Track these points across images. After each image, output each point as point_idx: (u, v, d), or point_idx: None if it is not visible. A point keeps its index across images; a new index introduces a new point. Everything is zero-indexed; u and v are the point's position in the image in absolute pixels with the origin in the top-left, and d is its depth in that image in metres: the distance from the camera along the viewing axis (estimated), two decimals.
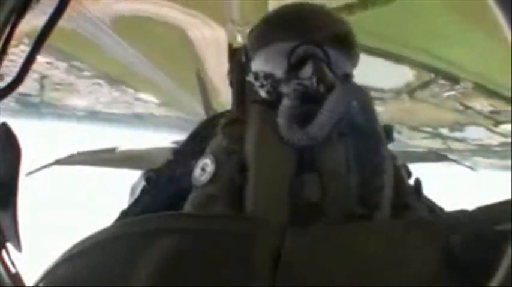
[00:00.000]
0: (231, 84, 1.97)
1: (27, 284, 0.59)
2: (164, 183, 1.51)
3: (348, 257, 0.56)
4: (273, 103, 1.13)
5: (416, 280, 0.52)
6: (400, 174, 1.27)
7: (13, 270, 0.60)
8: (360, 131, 1.12)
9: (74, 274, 0.56)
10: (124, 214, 1.43)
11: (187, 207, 0.90)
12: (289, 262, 0.54)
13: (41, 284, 0.56)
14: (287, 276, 0.52)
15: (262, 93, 1.20)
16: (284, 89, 1.12)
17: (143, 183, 1.52)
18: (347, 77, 1.19)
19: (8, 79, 0.57)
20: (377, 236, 0.62)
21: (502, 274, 0.43)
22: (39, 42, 0.59)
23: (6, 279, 0.58)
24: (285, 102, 1.05)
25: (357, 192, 1.09)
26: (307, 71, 1.07)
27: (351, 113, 1.10)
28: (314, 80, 1.04)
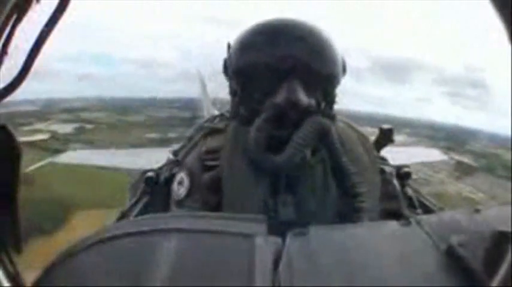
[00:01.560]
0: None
1: (27, 284, 0.59)
2: (163, 183, 1.52)
3: (347, 258, 0.56)
4: (250, 120, 1.12)
5: (416, 280, 0.52)
6: (389, 180, 1.27)
7: (13, 270, 0.60)
8: (334, 153, 1.11)
9: (83, 270, 0.56)
10: (124, 214, 1.43)
11: None
12: (290, 263, 0.54)
13: (46, 281, 0.55)
14: (287, 276, 0.52)
15: (241, 109, 1.18)
16: (259, 108, 1.09)
17: (143, 183, 1.52)
18: (328, 98, 1.14)
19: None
20: (377, 237, 0.62)
21: (503, 274, 0.44)
22: (39, 42, 0.59)
23: (6, 279, 0.57)
24: (257, 124, 1.04)
25: (336, 210, 1.08)
26: (281, 94, 1.03)
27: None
28: (287, 105, 1.02)
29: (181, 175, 1.19)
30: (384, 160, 1.71)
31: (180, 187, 1.16)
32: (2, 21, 0.51)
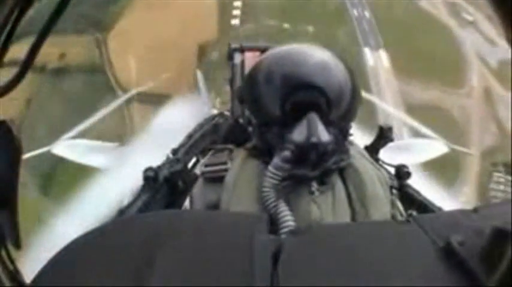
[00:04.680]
0: (230, 84, 1.96)
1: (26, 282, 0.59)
2: (162, 181, 1.52)
3: (347, 257, 0.56)
4: (261, 151, 1.11)
5: (415, 279, 0.52)
6: (397, 205, 1.27)
7: (12, 268, 0.60)
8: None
9: (81, 268, 0.56)
10: (123, 212, 1.43)
11: None
12: (289, 261, 0.54)
13: (45, 280, 0.55)
14: (286, 275, 0.52)
15: (254, 139, 1.16)
16: (276, 142, 1.05)
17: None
18: (345, 134, 1.12)
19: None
20: (376, 236, 0.62)
21: (502, 272, 0.44)
22: (39, 40, 0.59)
23: (6, 277, 0.57)
24: (275, 164, 1.00)
25: None
26: (301, 132, 0.99)
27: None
28: (308, 146, 0.98)
29: (186, 203, 1.18)
30: (383, 161, 1.72)
31: None
32: (3, 18, 0.51)
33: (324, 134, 0.99)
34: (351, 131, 1.17)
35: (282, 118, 1.04)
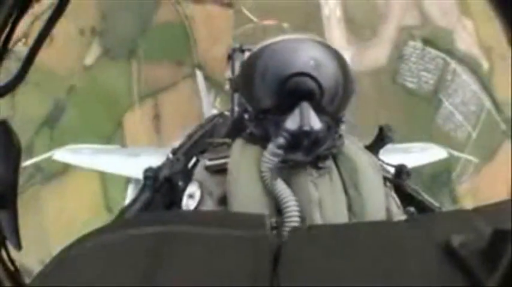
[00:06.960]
0: (231, 85, 1.97)
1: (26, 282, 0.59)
2: (163, 181, 1.52)
3: (347, 257, 0.56)
4: (258, 137, 1.15)
5: (415, 279, 0.52)
6: (392, 197, 1.29)
7: (12, 268, 0.60)
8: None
9: (82, 268, 0.55)
10: (124, 211, 1.43)
11: None
12: (290, 262, 0.54)
13: (45, 280, 0.55)
14: (287, 276, 0.52)
15: (251, 127, 1.20)
16: (271, 129, 1.11)
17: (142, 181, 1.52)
18: (338, 119, 1.15)
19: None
20: (376, 236, 0.62)
21: (502, 273, 0.44)
22: (39, 40, 0.59)
23: (6, 278, 0.57)
24: (270, 149, 1.05)
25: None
26: (294, 120, 1.04)
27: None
28: (300, 134, 1.03)
29: (193, 189, 1.20)
30: (383, 161, 1.71)
31: (191, 199, 1.18)
32: (3, 18, 0.51)
33: (316, 123, 1.03)
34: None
35: (277, 106, 1.08)
